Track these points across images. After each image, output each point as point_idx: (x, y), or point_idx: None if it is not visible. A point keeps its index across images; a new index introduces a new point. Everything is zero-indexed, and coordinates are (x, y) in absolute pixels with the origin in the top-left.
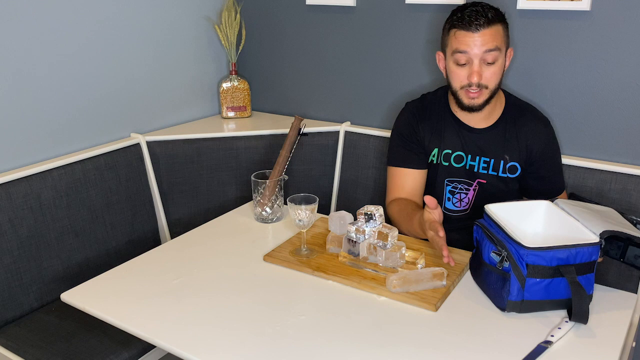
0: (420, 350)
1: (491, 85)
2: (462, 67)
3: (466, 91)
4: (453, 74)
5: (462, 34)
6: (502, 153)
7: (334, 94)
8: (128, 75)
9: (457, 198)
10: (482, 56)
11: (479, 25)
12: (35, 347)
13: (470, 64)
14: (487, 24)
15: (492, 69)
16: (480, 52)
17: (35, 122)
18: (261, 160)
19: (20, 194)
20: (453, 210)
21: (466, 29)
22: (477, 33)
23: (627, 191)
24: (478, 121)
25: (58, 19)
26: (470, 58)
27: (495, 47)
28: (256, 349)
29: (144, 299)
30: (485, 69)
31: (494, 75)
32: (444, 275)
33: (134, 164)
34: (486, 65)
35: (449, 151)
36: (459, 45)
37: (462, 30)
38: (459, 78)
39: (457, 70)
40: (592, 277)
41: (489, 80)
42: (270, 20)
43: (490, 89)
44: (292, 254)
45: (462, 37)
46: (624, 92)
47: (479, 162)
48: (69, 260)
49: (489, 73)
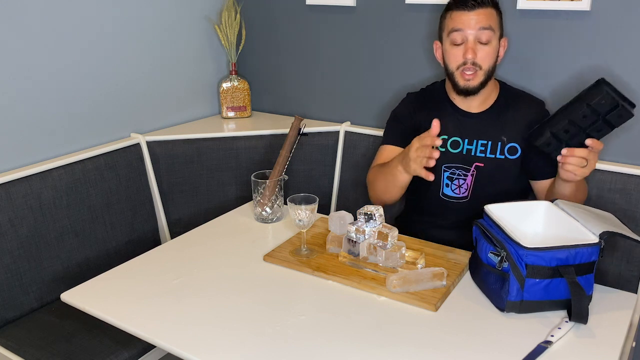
0: (420, 350)
1: (485, 65)
2: (458, 46)
3: (462, 72)
4: (449, 54)
5: (458, 13)
6: (500, 134)
7: (334, 94)
8: (128, 75)
9: (455, 184)
10: (477, 34)
11: (474, 5)
12: (35, 347)
13: (465, 42)
14: (481, 4)
15: (486, 49)
16: (474, 29)
17: (35, 122)
18: (261, 160)
19: (20, 194)
20: (452, 197)
21: (462, 8)
22: (473, 11)
23: (627, 191)
24: (474, 106)
25: (58, 19)
26: (465, 36)
27: (489, 25)
28: (256, 349)
29: (144, 299)
30: (480, 49)
31: (488, 56)
32: (444, 275)
33: (134, 164)
34: (480, 45)
35: (445, 137)
36: (455, 24)
37: (458, 10)
38: (455, 58)
39: (453, 50)
40: (591, 278)
41: (483, 60)
42: (270, 20)
43: (484, 70)
44: (292, 254)
45: (458, 16)
46: (623, 92)
47: (476, 146)
48: (69, 260)
49: (483, 53)
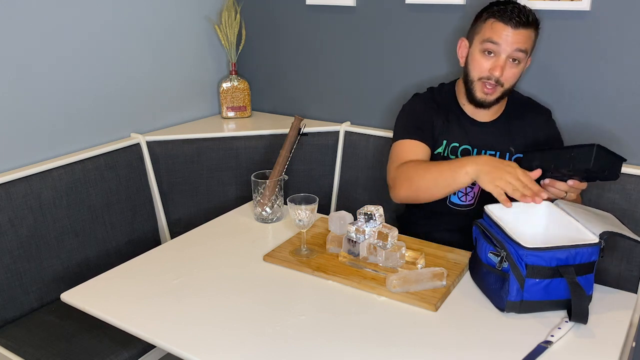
0: (420, 350)
1: (507, 84)
2: (488, 57)
3: (483, 84)
4: (476, 62)
5: (500, 25)
6: (508, 145)
7: (334, 94)
8: (128, 75)
9: (462, 192)
10: (511, 53)
11: (519, 23)
12: (35, 347)
13: (497, 56)
14: (526, 25)
15: (514, 70)
16: (511, 49)
17: (35, 122)
18: (261, 160)
19: (20, 194)
20: (458, 205)
21: (506, 22)
22: (515, 30)
23: (627, 191)
24: (483, 115)
25: (58, 19)
26: (499, 51)
27: (525, 48)
28: (256, 349)
29: (144, 299)
30: (508, 68)
31: (513, 77)
32: (444, 275)
33: (134, 164)
34: (510, 64)
35: (456, 144)
36: (493, 35)
37: (502, 22)
38: (481, 68)
39: (482, 60)
40: (591, 278)
41: (508, 80)
42: (270, 20)
43: (504, 89)
44: (292, 254)
45: (500, 28)
46: (623, 92)
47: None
48: (69, 260)
49: (510, 73)
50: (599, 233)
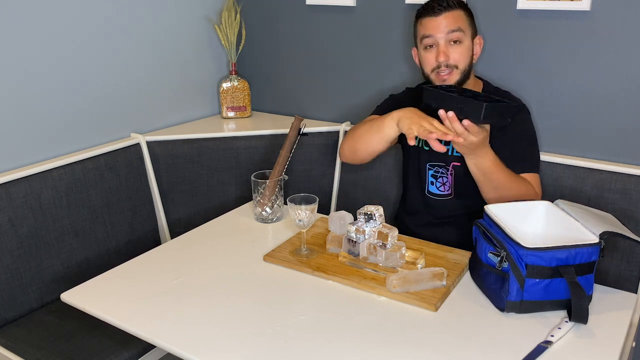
0: (420, 350)
1: (460, 65)
2: (430, 50)
3: (437, 73)
4: (423, 59)
5: (426, 20)
6: None
7: (334, 94)
8: (128, 75)
9: (440, 182)
10: (446, 37)
11: (440, 9)
12: (35, 347)
13: (436, 46)
14: (448, 8)
15: (459, 49)
16: (443, 33)
17: (35, 122)
18: (261, 160)
19: (20, 194)
20: (437, 194)
21: (430, 14)
22: (440, 16)
23: (627, 191)
24: None
25: (58, 19)
26: (436, 40)
27: (457, 27)
28: (256, 349)
29: (144, 299)
30: (452, 49)
31: (462, 56)
32: (444, 275)
33: (134, 164)
34: (452, 45)
35: None
36: (425, 30)
37: (427, 16)
38: (429, 62)
39: (426, 55)
40: (591, 278)
41: (457, 60)
42: (270, 20)
43: (460, 69)
44: (292, 254)
45: (427, 22)
46: (624, 91)
47: (452, 146)
48: (69, 260)
49: (456, 53)
50: (599, 233)
